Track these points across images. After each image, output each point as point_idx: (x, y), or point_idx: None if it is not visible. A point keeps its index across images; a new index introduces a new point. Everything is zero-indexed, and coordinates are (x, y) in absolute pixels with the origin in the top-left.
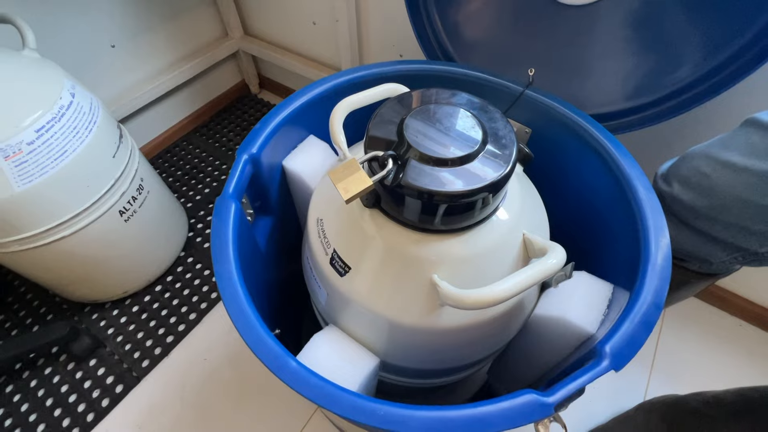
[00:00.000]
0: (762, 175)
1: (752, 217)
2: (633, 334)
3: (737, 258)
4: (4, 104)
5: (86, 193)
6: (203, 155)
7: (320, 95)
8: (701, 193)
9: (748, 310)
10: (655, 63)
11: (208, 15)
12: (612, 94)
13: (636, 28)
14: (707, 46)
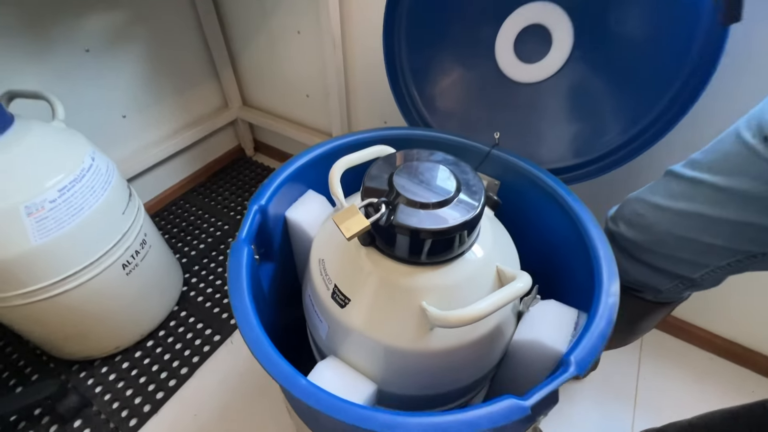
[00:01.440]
0: (680, 213)
1: (680, 248)
2: (592, 345)
3: (679, 285)
4: (34, 168)
5: (95, 246)
6: (199, 213)
7: (318, 156)
8: (640, 231)
9: (716, 344)
10: (592, 129)
11: (211, 88)
12: (561, 153)
13: (573, 102)
14: (630, 116)
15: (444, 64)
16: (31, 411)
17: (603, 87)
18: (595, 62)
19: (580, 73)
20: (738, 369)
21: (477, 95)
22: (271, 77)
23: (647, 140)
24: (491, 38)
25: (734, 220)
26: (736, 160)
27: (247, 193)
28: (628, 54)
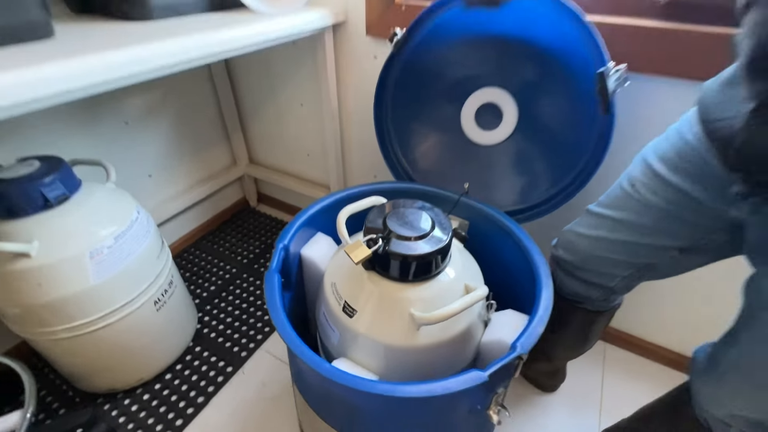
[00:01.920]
0: (595, 238)
1: (598, 264)
2: (532, 333)
3: (606, 294)
4: (96, 221)
5: (136, 285)
6: (209, 258)
7: (325, 207)
8: (572, 253)
9: (668, 357)
10: (533, 182)
11: (222, 149)
12: (513, 199)
13: (519, 162)
14: (558, 174)
15: (423, 130)
16: None
17: (539, 152)
18: (533, 134)
19: (523, 141)
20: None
21: (449, 154)
22: (275, 139)
23: (571, 192)
24: (458, 111)
25: (626, 241)
26: (621, 201)
27: (252, 239)
28: (555, 130)
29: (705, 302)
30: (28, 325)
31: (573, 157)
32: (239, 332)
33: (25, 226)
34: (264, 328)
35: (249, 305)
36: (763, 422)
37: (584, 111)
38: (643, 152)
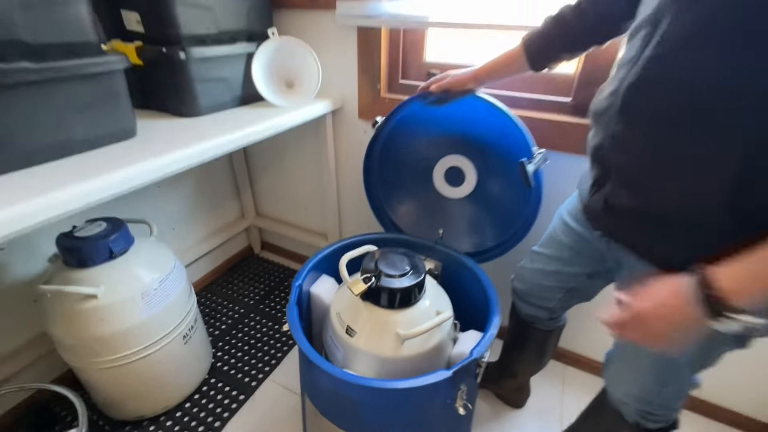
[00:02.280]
0: (535, 270)
1: (540, 290)
2: (483, 344)
3: (549, 313)
4: (146, 268)
5: (172, 320)
6: (219, 300)
7: (328, 254)
8: (522, 283)
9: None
10: (489, 230)
11: (233, 204)
12: (475, 243)
13: (479, 213)
14: (506, 225)
15: (404, 189)
16: None
17: (491, 209)
18: (487, 194)
19: (481, 197)
20: None
21: (426, 207)
22: (280, 195)
23: (514, 241)
24: (430, 173)
25: (554, 270)
26: (549, 242)
27: (257, 283)
28: (501, 193)
29: None
30: (82, 356)
31: (513, 216)
32: (249, 365)
33: (95, 274)
34: (271, 360)
35: (257, 341)
36: (643, 396)
37: (520, 182)
38: (560, 208)
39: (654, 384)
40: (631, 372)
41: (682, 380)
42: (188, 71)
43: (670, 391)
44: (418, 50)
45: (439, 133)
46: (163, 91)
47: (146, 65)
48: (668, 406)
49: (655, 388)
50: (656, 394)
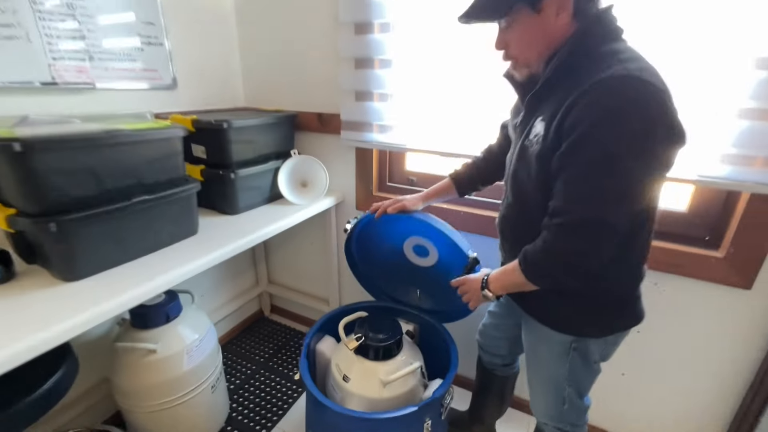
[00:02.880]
0: (488, 324)
1: (492, 340)
2: (443, 386)
3: (502, 361)
4: (190, 330)
5: (204, 372)
6: (234, 358)
7: (329, 317)
8: (482, 336)
9: None
10: (442, 295)
11: (250, 273)
12: (449, 301)
13: (443, 278)
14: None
15: (384, 263)
16: None
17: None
18: (449, 263)
19: (445, 266)
20: None
21: (403, 273)
22: (290, 266)
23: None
24: (401, 249)
25: (498, 323)
26: (494, 303)
27: (267, 343)
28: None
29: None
30: (136, 400)
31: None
32: (259, 415)
33: (155, 334)
34: (278, 411)
35: (266, 394)
36: (553, 414)
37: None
38: None
39: (556, 402)
40: (541, 397)
41: (573, 399)
42: (234, 185)
43: (569, 409)
44: (401, 162)
45: (403, 226)
46: (214, 196)
47: (205, 180)
48: (573, 422)
49: (559, 406)
50: (561, 411)
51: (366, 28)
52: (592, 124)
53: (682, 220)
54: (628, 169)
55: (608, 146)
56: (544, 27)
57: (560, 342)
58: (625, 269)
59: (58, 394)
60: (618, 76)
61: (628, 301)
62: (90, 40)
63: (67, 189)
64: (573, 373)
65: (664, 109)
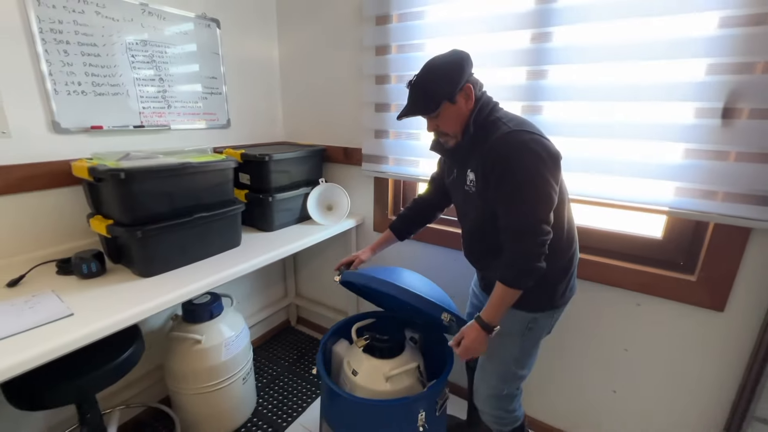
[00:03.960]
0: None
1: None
2: (439, 386)
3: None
4: (228, 328)
5: (238, 365)
6: (263, 361)
7: (343, 323)
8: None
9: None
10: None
11: (279, 286)
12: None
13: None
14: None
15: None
16: None
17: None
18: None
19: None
20: None
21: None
22: (315, 280)
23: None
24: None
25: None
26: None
27: (292, 350)
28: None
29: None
30: (183, 383)
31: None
32: (281, 410)
33: (201, 327)
34: (298, 408)
35: (288, 393)
36: (493, 396)
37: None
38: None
39: (498, 386)
40: (486, 382)
41: (512, 384)
42: (272, 206)
43: (507, 395)
44: (413, 189)
45: (378, 289)
46: (255, 215)
47: (248, 202)
48: (510, 408)
49: (499, 390)
50: (500, 397)
51: (385, 79)
52: (503, 167)
53: (658, 246)
54: (535, 185)
55: (517, 176)
56: (459, 111)
57: (520, 320)
58: (558, 259)
59: (130, 364)
60: (505, 133)
61: (563, 280)
62: (168, 93)
63: (150, 206)
64: (522, 352)
65: (539, 144)
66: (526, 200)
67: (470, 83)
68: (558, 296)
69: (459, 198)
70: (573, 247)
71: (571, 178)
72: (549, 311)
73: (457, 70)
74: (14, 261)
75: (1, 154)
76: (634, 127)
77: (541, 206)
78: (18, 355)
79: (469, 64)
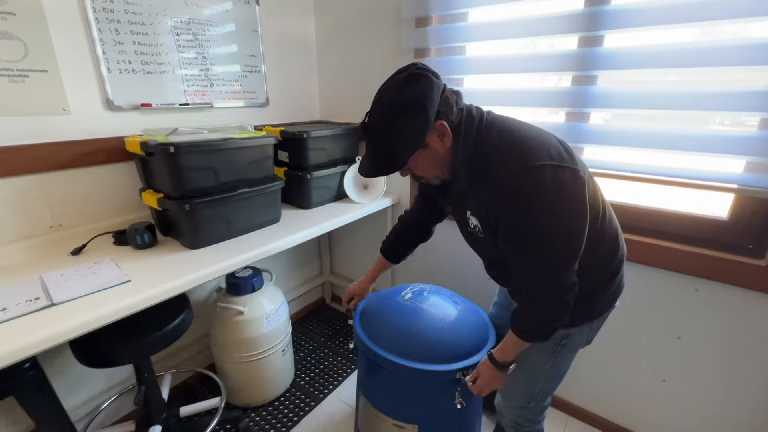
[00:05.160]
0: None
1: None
2: (477, 359)
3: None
4: (267, 301)
5: (277, 337)
6: (300, 336)
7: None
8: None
9: (602, 423)
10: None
11: (315, 264)
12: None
13: None
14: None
15: None
16: (225, 425)
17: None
18: None
19: None
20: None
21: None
22: (349, 258)
23: None
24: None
25: (503, 314)
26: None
27: (326, 326)
28: None
29: (633, 382)
30: (227, 351)
31: None
32: (318, 382)
33: (244, 299)
34: (333, 382)
35: (324, 366)
36: (516, 411)
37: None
38: None
39: (524, 398)
40: (511, 391)
41: (541, 396)
42: (310, 184)
43: (534, 406)
44: None
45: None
46: (293, 193)
47: (287, 180)
48: (531, 419)
49: (525, 402)
50: (525, 407)
51: (424, 52)
52: (517, 218)
53: (723, 227)
54: (562, 228)
55: (541, 225)
56: (435, 153)
57: (551, 338)
58: (597, 276)
59: (182, 330)
60: (513, 174)
61: (604, 290)
62: (210, 71)
63: (197, 180)
64: (554, 368)
65: (559, 176)
66: (548, 250)
67: (442, 117)
68: (598, 309)
69: (464, 233)
70: (616, 256)
71: (628, 153)
72: (587, 324)
73: (418, 109)
74: (77, 231)
75: (62, 130)
76: (700, 97)
77: (567, 250)
78: (86, 315)
79: (434, 89)
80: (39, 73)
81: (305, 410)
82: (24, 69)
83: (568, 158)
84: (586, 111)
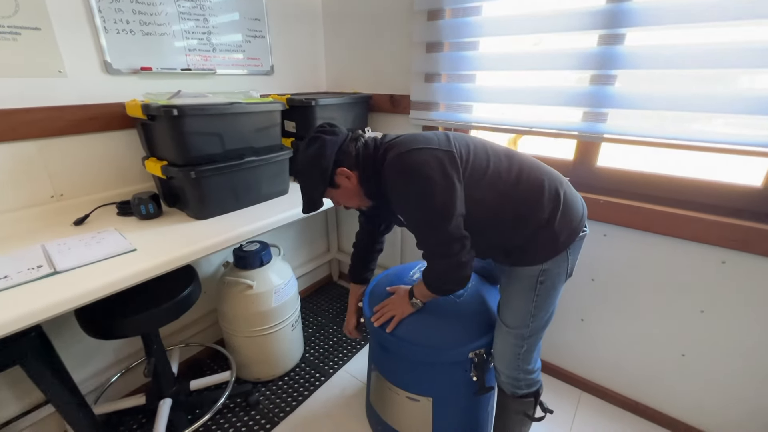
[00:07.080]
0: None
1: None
2: (487, 340)
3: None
4: (276, 276)
5: (286, 312)
6: (308, 312)
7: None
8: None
9: (617, 399)
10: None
11: (323, 241)
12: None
13: None
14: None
15: None
16: (236, 398)
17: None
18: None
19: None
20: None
21: None
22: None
23: None
24: None
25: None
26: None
27: (334, 303)
28: None
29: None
30: (236, 326)
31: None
32: (327, 357)
33: (252, 273)
34: (343, 357)
35: (333, 342)
36: (509, 357)
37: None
38: None
39: (515, 345)
40: (503, 342)
41: (529, 341)
42: None
43: (525, 352)
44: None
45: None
46: None
47: (294, 150)
48: (528, 368)
49: (518, 345)
50: (518, 352)
51: (438, 14)
52: (396, 200)
53: (757, 195)
54: (430, 207)
55: (410, 203)
56: (348, 189)
57: (528, 276)
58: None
59: (190, 302)
60: (386, 167)
61: (552, 224)
62: (212, 35)
63: (202, 146)
64: (538, 307)
65: (418, 159)
66: (426, 225)
67: (341, 164)
68: (561, 240)
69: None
70: (544, 189)
71: (652, 117)
72: (558, 257)
73: (311, 169)
74: (78, 202)
75: (59, 94)
76: (731, 53)
77: (443, 225)
78: (92, 283)
79: (327, 147)
80: (31, 31)
81: (315, 384)
82: (15, 26)
83: (437, 142)
84: (612, 73)
